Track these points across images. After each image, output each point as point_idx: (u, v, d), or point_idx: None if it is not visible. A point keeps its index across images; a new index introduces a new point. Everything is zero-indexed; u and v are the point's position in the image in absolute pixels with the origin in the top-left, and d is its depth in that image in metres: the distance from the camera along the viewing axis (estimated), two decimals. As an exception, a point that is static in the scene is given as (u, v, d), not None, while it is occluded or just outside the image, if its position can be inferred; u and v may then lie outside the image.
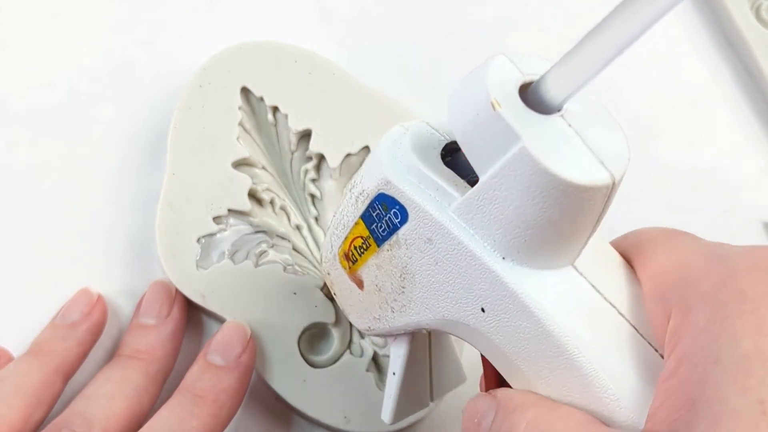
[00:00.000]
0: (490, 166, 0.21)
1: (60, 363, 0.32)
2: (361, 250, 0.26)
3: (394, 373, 0.29)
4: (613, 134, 0.22)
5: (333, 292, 0.29)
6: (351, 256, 0.27)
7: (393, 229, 0.24)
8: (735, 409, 0.18)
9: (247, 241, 0.36)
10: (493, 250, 0.22)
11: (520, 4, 0.44)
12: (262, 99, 0.37)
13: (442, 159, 0.24)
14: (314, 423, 0.35)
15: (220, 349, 0.32)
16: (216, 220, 0.35)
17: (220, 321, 0.35)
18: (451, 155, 0.24)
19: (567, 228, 0.21)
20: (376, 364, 0.36)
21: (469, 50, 0.43)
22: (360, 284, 0.27)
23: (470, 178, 0.23)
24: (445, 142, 0.25)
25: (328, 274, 0.29)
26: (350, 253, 0.27)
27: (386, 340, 0.29)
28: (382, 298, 0.26)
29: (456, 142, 0.24)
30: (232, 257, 0.35)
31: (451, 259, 0.23)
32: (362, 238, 0.26)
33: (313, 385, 0.34)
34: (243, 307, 0.35)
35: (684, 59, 0.45)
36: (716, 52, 0.46)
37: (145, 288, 0.35)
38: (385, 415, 0.29)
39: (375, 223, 0.25)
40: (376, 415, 0.34)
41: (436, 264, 0.24)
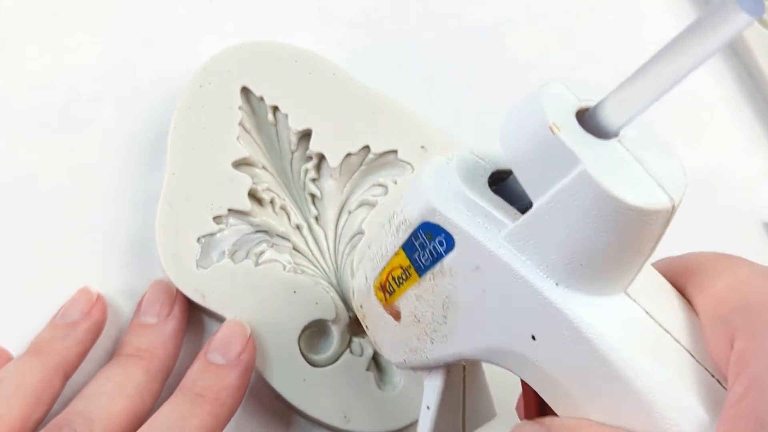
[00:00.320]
0: (547, 190, 0.21)
1: (60, 362, 0.32)
2: (400, 281, 0.26)
3: (429, 407, 0.28)
4: (669, 159, 0.22)
5: (365, 325, 0.29)
6: (388, 288, 0.27)
7: (437, 258, 0.24)
8: None
9: (247, 241, 0.36)
10: (547, 276, 0.22)
11: (520, 4, 0.44)
12: (262, 99, 0.37)
13: (489, 187, 0.24)
14: (314, 422, 0.35)
15: (220, 348, 0.32)
16: (216, 219, 0.35)
17: (220, 320, 0.35)
18: (497, 183, 0.24)
19: (625, 253, 0.21)
20: (377, 363, 0.36)
21: (469, 50, 0.43)
22: (397, 316, 0.27)
23: (519, 205, 0.23)
24: (492, 170, 0.24)
25: (361, 307, 0.29)
26: (387, 285, 0.27)
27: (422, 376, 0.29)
28: (421, 329, 0.26)
29: (501, 170, 0.24)
30: (232, 257, 0.35)
31: (501, 287, 0.23)
32: (402, 268, 0.26)
33: (313, 384, 0.34)
34: (243, 307, 0.35)
35: (684, 59, 0.45)
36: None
37: (145, 288, 0.35)
38: None
39: (417, 252, 0.25)
40: (376, 415, 0.34)
41: (484, 292, 0.23)
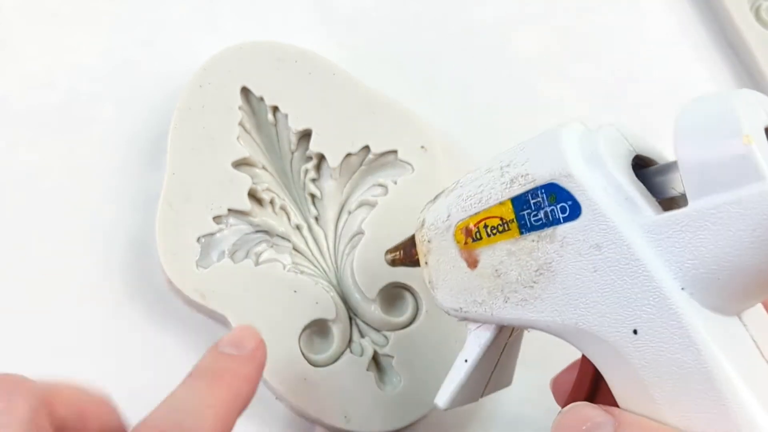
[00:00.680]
0: (712, 196, 0.20)
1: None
2: (494, 231, 0.25)
3: (466, 360, 0.28)
4: None
5: (423, 261, 0.28)
6: (475, 233, 0.26)
7: (551, 223, 0.24)
8: None
9: (247, 241, 0.36)
10: (674, 278, 0.22)
11: (520, 4, 0.44)
12: (262, 99, 0.37)
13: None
14: (314, 422, 0.35)
15: (232, 343, 0.31)
16: (216, 219, 0.35)
17: (221, 320, 0.35)
18: (636, 168, 0.24)
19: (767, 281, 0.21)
20: (377, 363, 0.36)
21: (469, 50, 0.43)
22: (473, 263, 0.26)
23: (658, 198, 0.23)
24: (635, 153, 0.24)
25: (428, 241, 0.28)
26: (476, 230, 0.26)
27: (467, 327, 0.29)
28: (498, 285, 0.25)
29: (642, 156, 0.24)
30: (232, 257, 0.35)
31: (617, 273, 0.22)
32: (502, 219, 0.25)
33: (314, 384, 0.34)
34: (243, 306, 0.35)
35: (684, 59, 0.45)
36: (716, 52, 0.46)
37: (145, 288, 0.35)
38: (442, 400, 0.29)
39: (529, 210, 0.24)
40: (377, 415, 0.34)
41: (595, 272, 0.23)
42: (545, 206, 0.24)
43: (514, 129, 0.42)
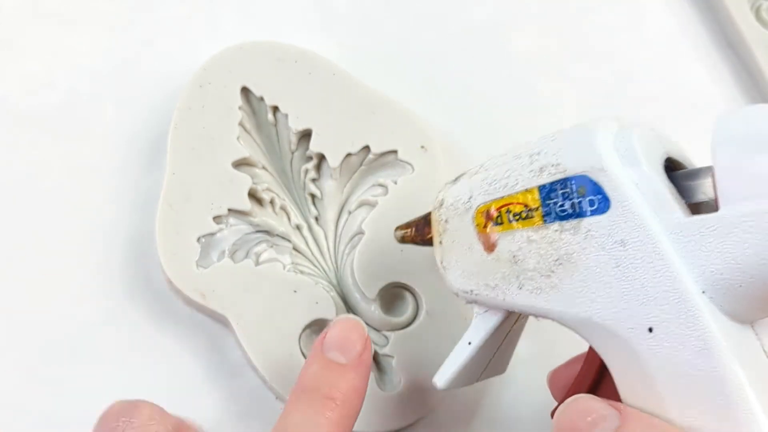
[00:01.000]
0: (744, 204, 0.21)
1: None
2: (516, 217, 0.25)
3: (470, 343, 0.28)
4: None
5: (437, 241, 0.28)
6: (496, 218, 0.26)
7: (577, 215, 0.24)
8: None
9: (247, 241, 0.36)
10: (696, 281, 0.22)
11: (520, 4, 0.44)
12: (262, 99, 0.37)
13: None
14: (314, 423, 0.35)
15: (339, 346, 0.30)
16: (216, 219, 0.35)
17: (221, 320, 0.35)
18: (666, 172, 0.24)
19: None
20: (377, 363, 0.36)
21: (469, 50, 0.43)
22: (490, 247, 0.26)
23: (686, 202, 0.23)
24: (666, 155, 0.24)
25: (445, 221, 0.28)
26: (497, 214, 0.26)
27: (473, 310, 0.29)
28: (514, 272, 0.26)
29: (671, 160, 0.24)
30: (232, 256, 0.35)
31: (640, 270, 0.23)
32: (526, 206, 0.25)
33: (313, 384, 0.34)
34: (243, 306, 0.35)
35: (684, 59, 0.45)
36: (716, 52, 0.46)
37: (145, 288, 0.35)
38: (441, 380, 0.29)
39: (556, 200, 0.24)
40: (377, 415, 0.34)
41: (617, 267, 0.23)
42: (573, 197, 0.24)
43: (513, 129, 0.42)
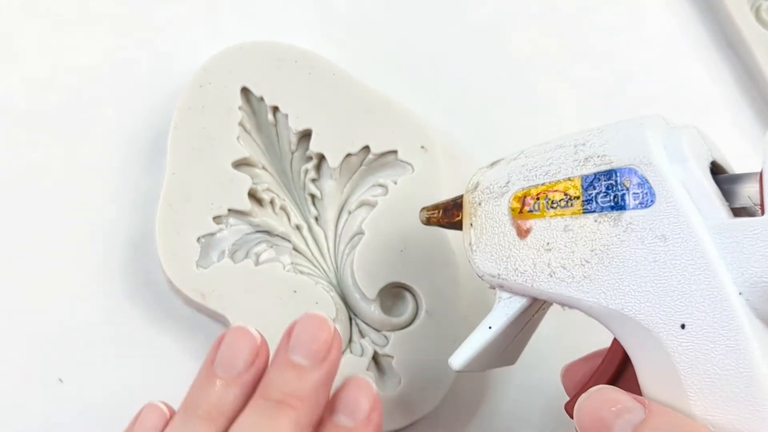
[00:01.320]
0: None
1: (227, 426, 0.28)
2: (555, 205, 0.26)
3: (490, 327, 0.28)
4: None
5: (468, 223, 0.28)
6: (534, 204, 0.26)
7: (619, 207, 0.24)
8: None
9: (247, 241, 0.36)
10: (734, 282, 0.22)
11: (520, 4, 0.44)
12: (262, 99, 0.37)
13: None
14: (314, 423, 0.35)
15: (348, 410, 0.29)
16: (216, 219, 0.35)
17: (221, 320, 0.35)
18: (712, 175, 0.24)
19: None
20: (377, 363, 0.36)
21: (469, 50, 0.43)
22: (523, 233, 0.26)
23: (729, 205, 0.23)
24: (711, 158, 0.24)
25: (479, 204, 0.28)
26: (535, 201, 0.26)
27: (497, 294, 0.29)
28: (546, 259, 0.26)
29: (714, 163, 0.24)
30: (232, 257, 0.35)
31: (679, 267, 0.23)
32: (567, 195, 0.25)
33: (313, 384, 0.34)
34: (243, 306, 0.35)
35: (684, 59, 0.45)
36: (716, 52, 0.46)
37: (145, 288, 0.35)
38: (458, 361, 0.29)
39: (598, 190, 0.25)
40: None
41: (655, 261, 0.23)
42: (617, 190, 0.24)
43: (513, 129, 0.42)
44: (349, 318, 0.36)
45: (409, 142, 0.38)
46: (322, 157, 0.37)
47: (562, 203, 0.25)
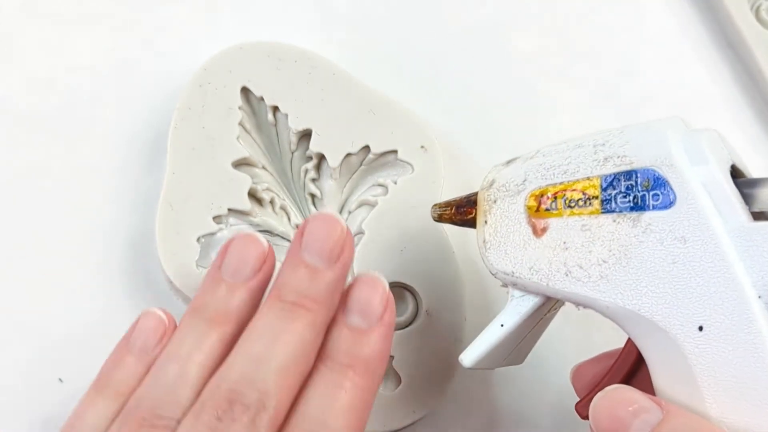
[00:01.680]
0: None
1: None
2: (573, 204, 0.26)
3: (502, 326, 0.28)
4: None
5: (483, 220, 0.28)
6: (551, 204, 0.26)
7: (639, 208, 0.24)
8: None
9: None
10: (753, 285, 0.22)
11: (520, 4, 0.44)
12: (262, 99, 0.37)
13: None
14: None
15: (359, 310, 0.28)
16: (216, 219, 0.35)
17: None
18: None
19: None
20: (376, 363, 0.36)
21: (469, 50, 0.43)
22: (539, 231, 0.26)
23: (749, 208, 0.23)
24: (731, 162, 0.25)
25: (494, 201, 0.28)
26: (552, 200, 0.26)
27: (510, 291, 0.28)
28: (562, 258, 0.26)
29: (734, 167, 0.24)
30: (232, 257, 0.35)
31: (698, 269, 0.23)
32: (585, 195, 0.25)
33: (313, 384, 0.34)
34: (243, 307, 0.35)
35: (684, 59, 0.45)
36: (716, 52, 0.46)
37: (145, 288, 0.35)
38: (469, 359, 0.28)
39: (617, 191, 0.25)
40: (377, 415, 0.34)
41: (674, 263, 0.23)
42: (637, 190, 0.24)
43: (513, 129, 0.42)
44: (349, 318, 0.36)
45: (409, 142, 0.38)
46: (322, 157, 0.37)
47: (581, 203, 0.25)
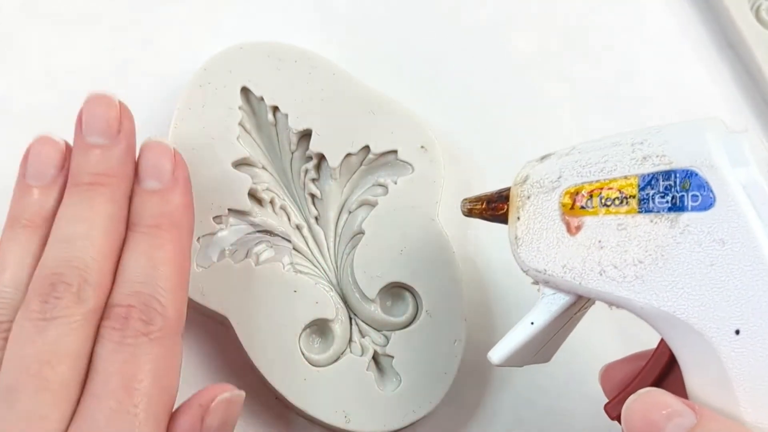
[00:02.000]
0: None
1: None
2: (610, 203, 0.25)
3: (533, 323, 0.28)
4: None
5: (515, 216, 0.28)
6: (586, 202, 0.26)
7: (677, 208, 0.24)
8: None
9: (247, 241, 0.36)
10: None
11: (520, 4, 0.44)
12: (262, 99, 0.37)
13: None
14: (314, 422, 0.35)
15: (151, 174, 0.30)
16: (216, 219, 0.35)
17: (221, 320, 0.35)
18: None
19: None
20: (377, 363, 0.36)
21: (469, 50, 0.43)
22: (574, 229, 0.26)
23: None
24: None
25: (527, 197, 0.28)
26: (588, 198, 0.26)
27: (541, 289, 0.28)
28: (596, 257, 0.25)
29: None
30: (232, 256, 0.35)
31: (736, 272, 0.23)
32: (622, 193, 0.25)
33: (314, 384, 0.34)
34: (243, 306, 0.35)
35: (684, 59, 0.45)
36: (716, 52, 0.46)
37: None
38: (498, 356, 0.28)
39: (655, 191, 0.24)
40: (377, 415, 0.34)
41: (711, 265, 0.23)
42: (676, 191, 0.24)
43: (513, 129, 0.42)
44: (349, 318, 0.36)
45: (409, 142, 0.38)
46: (322, 157, 0.37)
47: (617, 201, 0.25)
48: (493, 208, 0.30)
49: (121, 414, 0.25)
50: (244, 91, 0.37)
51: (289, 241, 0.36)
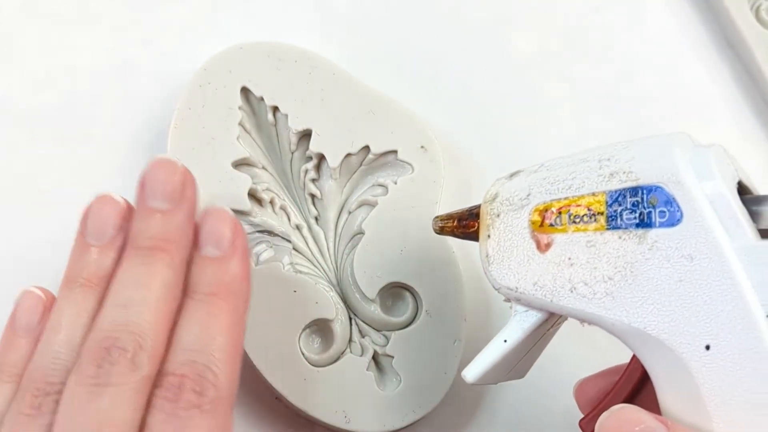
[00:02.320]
0: None
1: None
2: (578, 220, 0.25)
3: (506, 341, 0.28)
4: None
5: (485, 234, 0.28)
6: (555, 219, 0.26)
7: (645, 225, 0.24)
8: None
9: (247, 241, 0.36)
10: (762, 304, 0.22)
11: (520, 4, 0.44)
12: (262, 99, 0.37)
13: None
14: (314, 422, 0.35)
15: (210, 241, 0.29)
16: (216, 219, 0.35)
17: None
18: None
19: None
20: (377, 363, 0.36)
21: (469, 50, 0.43)
22: (544, 247, 0.26)
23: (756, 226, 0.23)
24: (738, 178, 0.24)
25: (497, 216, 0.28)
26: (557, 216, 0.26)
27: (513, 307, 0.28)
28: (567, 274, 0.25)
29: (741, 183, 0.24)
30: (232, 257, 0.35)
31: (705, 287, 0.23)
32: (590, 210, 0.25)
33: (314, 384, 0.34)
34: (243, 307, 0.35)
35: (684, 59, 0.45)
36: (716, 52, 0.46)
37: None
38: (472, 375, 0.28)
39: (623, 207, 0.24)
40: (377, 415, 0.34)
41: (680, 281, 0.23)
42: (643, 207, 0.24)
43: (513, 129, 0.42)
44: (349, 318, 0.36)
45: (409, 142, 0.38)
46: (322, 157, 0.37)
47: (586, 218, 0.25)
48: (464, 225, 0.30)
49: None
50: (244, 91, 0.37)
51: (289, 241, 0.36)
